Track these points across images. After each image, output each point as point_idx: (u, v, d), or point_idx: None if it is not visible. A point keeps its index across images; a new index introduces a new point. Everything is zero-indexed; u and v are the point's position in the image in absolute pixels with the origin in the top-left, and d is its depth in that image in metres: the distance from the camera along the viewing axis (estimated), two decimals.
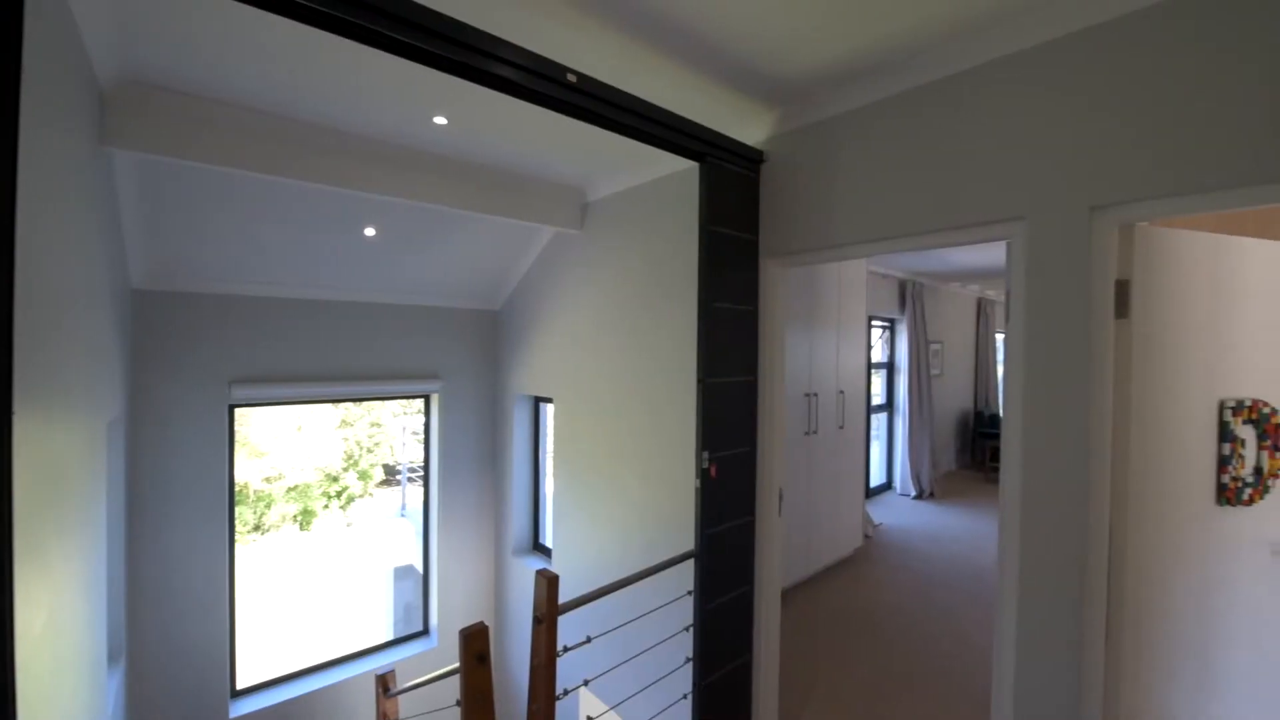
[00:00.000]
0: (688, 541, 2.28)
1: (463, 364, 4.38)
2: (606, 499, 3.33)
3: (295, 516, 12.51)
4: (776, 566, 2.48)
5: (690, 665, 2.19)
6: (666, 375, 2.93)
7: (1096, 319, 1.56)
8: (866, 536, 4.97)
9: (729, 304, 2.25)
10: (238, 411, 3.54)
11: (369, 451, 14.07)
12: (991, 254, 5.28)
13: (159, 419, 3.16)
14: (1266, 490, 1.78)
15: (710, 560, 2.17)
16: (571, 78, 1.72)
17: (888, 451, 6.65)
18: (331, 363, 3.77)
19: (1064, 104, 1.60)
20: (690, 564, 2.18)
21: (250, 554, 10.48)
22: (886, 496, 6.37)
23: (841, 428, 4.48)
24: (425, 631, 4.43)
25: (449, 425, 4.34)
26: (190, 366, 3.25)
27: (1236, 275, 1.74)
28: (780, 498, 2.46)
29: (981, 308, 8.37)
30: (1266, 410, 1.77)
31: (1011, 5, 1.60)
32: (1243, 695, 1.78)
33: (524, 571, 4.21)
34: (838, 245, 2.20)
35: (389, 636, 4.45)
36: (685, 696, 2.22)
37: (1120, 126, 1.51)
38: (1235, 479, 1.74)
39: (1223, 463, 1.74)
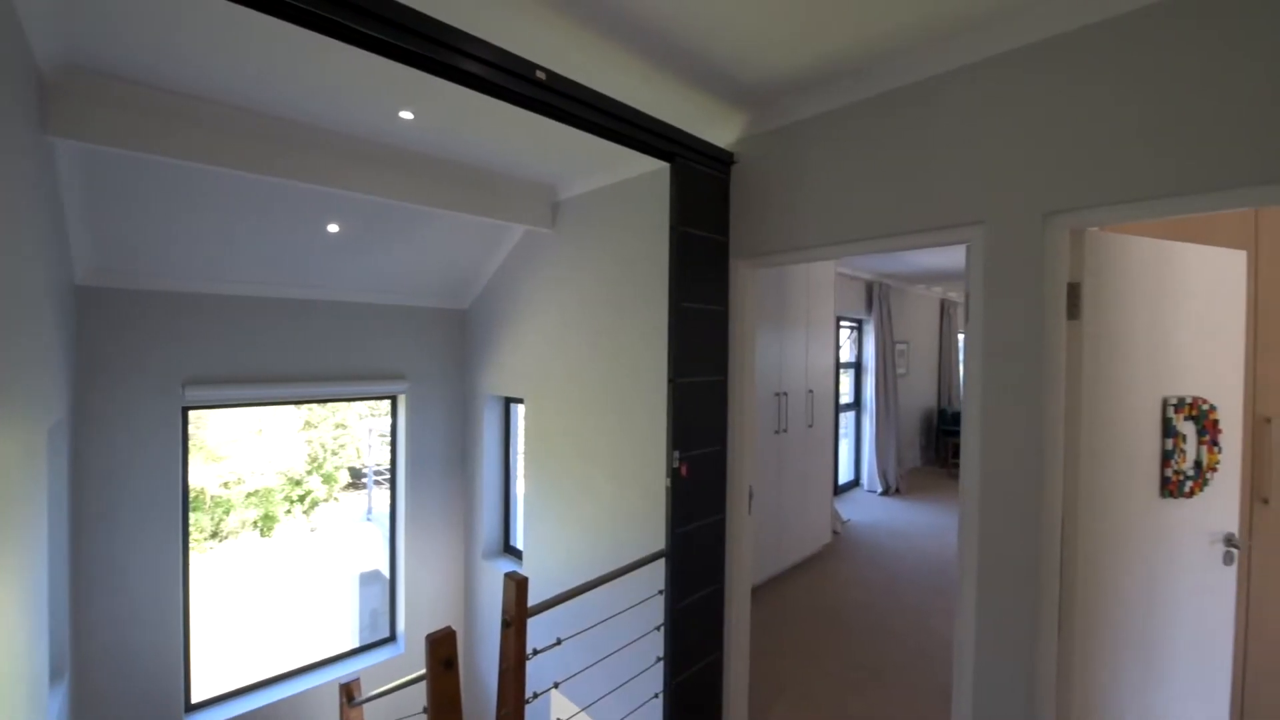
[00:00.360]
0: (658, 541, 2.28)
1: (431, 364, 4.30)
2: (578, 500, 3.31)
3: (255, 522, 12.07)
4: (747, 564, 2.50)
5: (661, 665, 2.19)
6: (637, 375, 2.93)
7: (1050, 320, 1.62)
8: (835, 533, 5.07)
9: (699, 304, 2.27)
10: (193, 414, 3.40)
11: (334, 454, 13.69)
12: (954, 257, 5.45)
13: (106, 422, 3.01)
14: (1205, 483, 1.88)
15: (681, 559, 2.18)
16: (540, 75, 1.70)
17: (856, 449, 6.79)
18: (292, 363, 3.66)
19: (1020, 113, 1.66)
20: (661, 563, 2.19)
21: (208, 562, 10.08)
22: (855, 493, 6.51)
23: (811, 426, 4.56)
24: (392, 638, 4.33)
25: (416, 427, 4.25)
26: (141, 367, 3.11)
27: (1178, 279, 1.83)
28: (750, 496, 2.49)
29: (944, 309, 8.62)
30: (1205, 407, 1.87)
31: (972, 17, 1.65)
32: (1182, 678, 1.88)
33: (494, 575, 4.15)
34: (806, 247, 2.23)
35: (354, 644, 4.34)
36: (656, 696, 2.22)
37: (1072, 136, 1.57)
38: (1177, 472, 1.84)
39: (1166, 457, 1.82)
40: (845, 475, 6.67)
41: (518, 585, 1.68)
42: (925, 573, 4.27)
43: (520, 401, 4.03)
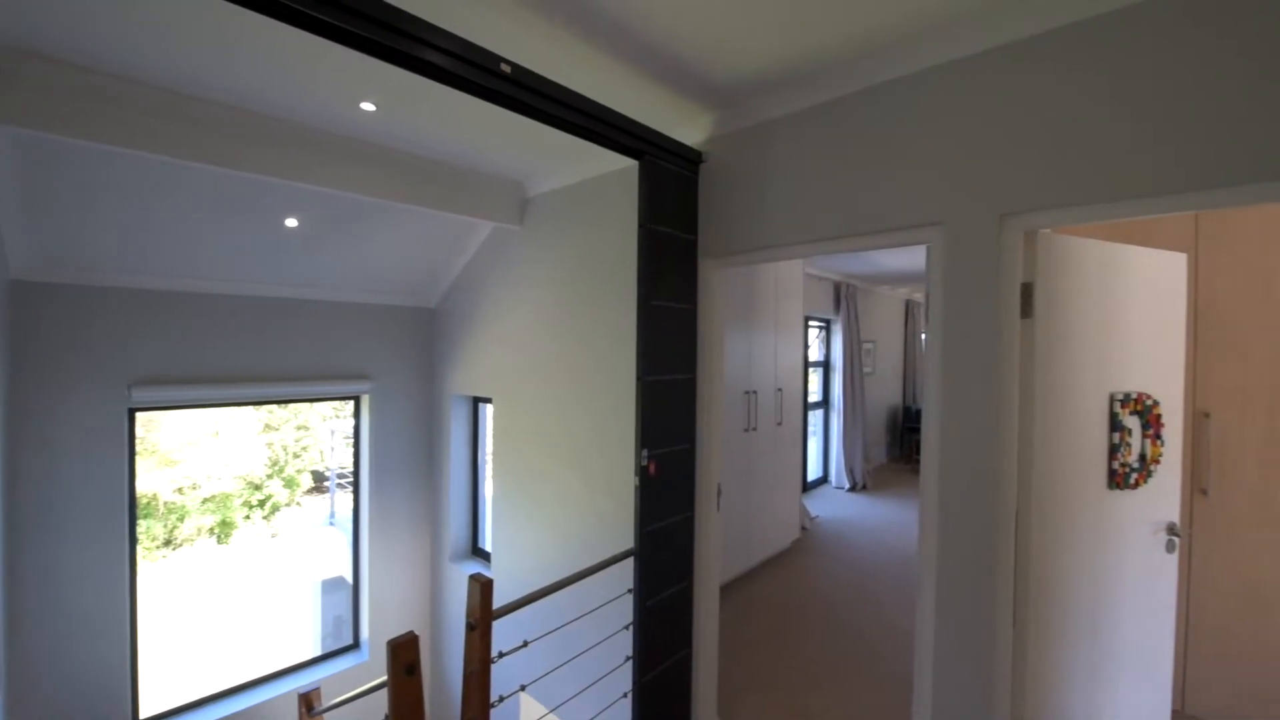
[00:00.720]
0: (628, 540, 2.27)
1: (396, 363, 4.20)
2: (547, 500, 3.28)
3: (212, 529, 11.61)
4: (715, 561, 2.51)
5: (630, 663, 2.18)
6: (607, 374, 2.91)
7: (1005, 319, 1.67)
8: (804, 529, 5.14)
9: (668, 303, 2.27)
10: (145, 416, 3.25)
11: (296, 457, 13.27)
12: (917, 259, 5.59)
13: (44, 425, 2.85)
14: (1149, 475, 1.97)
15: (649, 557, 2.18)
16: (505, 68, 1.68)
17: (824, 446, 6.91)
18: (249, 362, 3.52)
19: (977, 118, 1.71)
20: (630, 562, 2.18)
21: (160, 571, 9.64)
22: (823, 490, 6.62)
23: (780, 424, 4.61)
24: (355, 645, 4.22)
25: (381, 428, 4.15)
26: (83, 367, 2.95)
27: (1123, 280, 1.91)
28: (719, 493, 2.50)
29: (909, 309, 8.85)
30: (1149, 402, 1.96)
31: (933, 23, 1.69)
32: (1128, 660, 1.96)
33: (462, 578, 4.08)
34: (773, 246, 2.26)
35: (317, 652, 4.21)
36: (625, 695, 2.21)
37: (1025, 141, 1.62)
38: (1123, 465, 1.92)
39: (1113, 450, 1.90)
40: (814, 472, 6.78)
41: (482, 587, 1.65)
42: (890, 566, 4.37)
43: (489, 401, 3.97)
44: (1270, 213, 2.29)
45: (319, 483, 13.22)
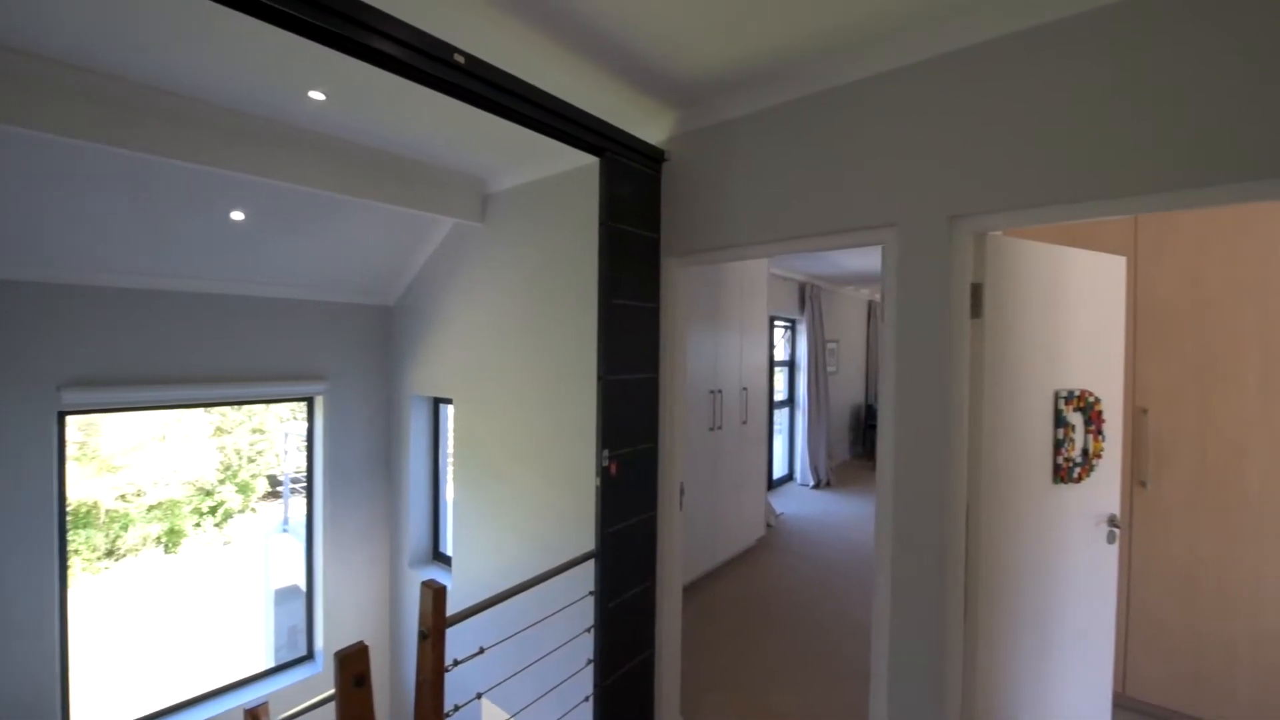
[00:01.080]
0: (591, 540, 2.25)
1: (352, 363, 4.06)
2: (509, 502, 3.22)
3: (159, 538, 11.05)
4: (678, 561, 2.51)
5: (592, 666, 2.16)
6: (569, 373, 2.88)
7: (955, 318, 1.71)
8: (769, 526, 5.20)
9: (630, 301, 2.25)
10: (80, 420, 3.06)
11: (250, 461, 12.74)
12: (879, 260, 5.71)
13: None
14: (1091, 469, 2.05)
15: (611, 559, 2.15)
16: (459, 58, 1.63)
17: (789, 444, 7.01)
18: (193, 363, 3.35)
19: (928, 121, 1.75)
20: (592, 564, 2.15)
21: (101, 584, 9.13)
22: (788, 487, 6.71)
23: (745, 423, 4.65)
24: (310, 656, 4.06)
25: (336, 430, 4.00)
26: (5, 367, 2.75)
27: (1067, 281, 1.98)
28: (681, 492, 2.49)
29: (871, 310, 9.06)
30: (1091, 399, 2.04)
31: (885, 28, 1.72)
32: (1072, 648, 2.03)
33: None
34: (734, 245, 2.26)
35: (270, 664, 4.04)
36: (587, 699, 2.18)
37: (975, 145, 1.66)
38: (1067, 460, 1.98)
39: (1057, 446, 1.97)
40: (780, 470, 6.87)
41: (435, 594, 1.60)
42: (851, 562, 4.45)
43: (449, 402, 3.88)
44: (1202, 218, 2.41)
45: (275, 488, 12.73)
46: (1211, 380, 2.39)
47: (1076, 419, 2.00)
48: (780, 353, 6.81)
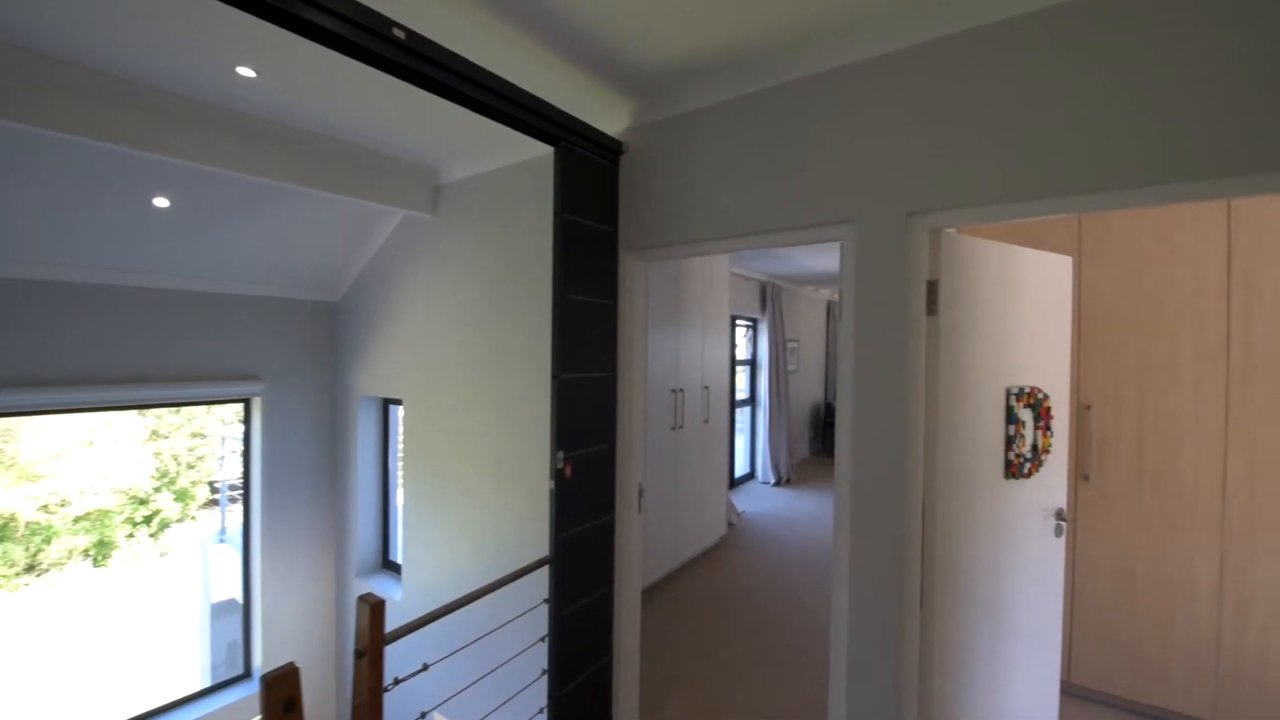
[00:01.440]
0: (547, 545, 2.16)
1: (294, 363, 3.84)
2: (462, 507, 3.09)
3: (87, 550, 10.29)
4: (637, 565, 2.44)
5: (546, 677, 2.07)
6: (525, 372, 2.77)
7: (911, 316, 1.70)
8: (730, 525, 5.20)
9: (586, 297, 2.17)
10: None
11: (190, 467, 12.03)
12: (836, 261, 5.80)
13: None
14: (1041, 464, 2.09)
15: (566, 565, 2.07)
16: (399, 33, 1.52)
17: (751, 443, 7.05)
18: (119, 362, 3.09)
19: (886, 116, 1.73)
20: (546, 571, 2.06)
21: (18, 602, 8.43)
22: (750, 485, 6.75)
23: (706, 422, 4.63)
24: (248, 675, 3.82)
25: (275, 433, 3.77)
26: None
27: (1018, 280, 2.01)
28: (641, 494, 2.43)
29: (830, 310, 9.24)
30: (1040, 396, 2.07)
31: (843, 21, 1.69)
32: (1023, 639, 2.07)
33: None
34: (693, 241, 2.21)
35: (207, 683, 3.78)
36: (541, 711, 2.10)
37: (930, 141, 1.65)
38: (1018, 456, 2.02)
39: (1009, 442, 2.00)
40: (741, 468, 6.91)
41: (372, 609, 1.48)
42: (811, 557, 4.49)
43: (399, 403, 3.71)
44: (1140, 221, 2.50)
45: (217, 495, 12.06)
46: (1149, 377, 2.48)
47: (1027, 415, 2.04)
48: (742, 352, 6.84)
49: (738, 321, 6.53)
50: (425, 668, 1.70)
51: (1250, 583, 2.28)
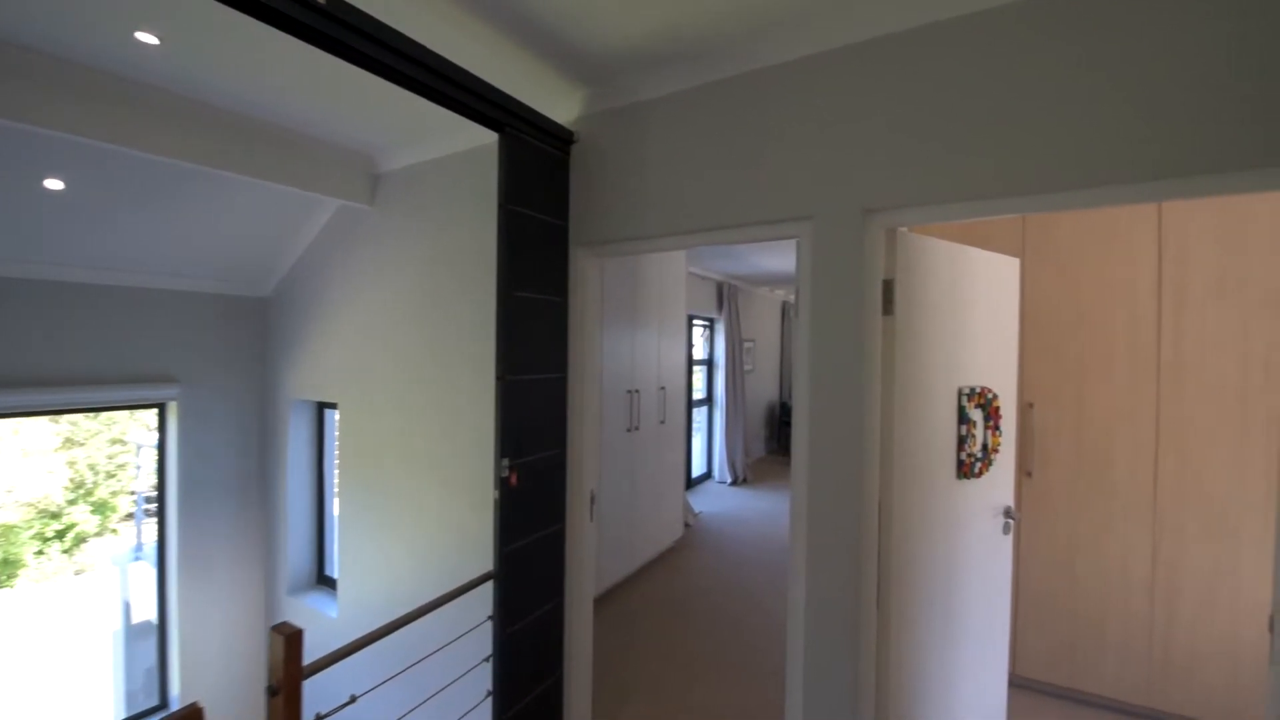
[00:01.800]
0: (491, 560, 2.02)
1: (216, 364, 3.53)
2: (403, 518, 2.90)
3: None
4: (589, 574, 2.34)
5: (491, 700, 1.94)
6: (470, 373, 2.62)
7: (868, 315, 1.67)
8: (687, 526, 5.16)
9: (534, 294, 2.05)
10: None
11: (110, 477, 11.10)
12: (792, 261, 5.85)
13: None
14: (990, 464, 2.10)
15: (512, 580, 1.94)
16: None
17: (708, 442, 7.05)
18: (9, 363, 2.75)
19: (844, 111, 1.69)
20: (490, 586, 1.93)
21: None
22: (707, 485, 6.74)
23: (663, 423, 4.56)
24: (164, 705, 3.49)
25: (195, 441, 3.46)
26: None
27: (968, 280, 2.01)
28: (593, 501, 2.32)
29: (785, 310, 9.36)
30: (990, 396, 2.09)
31: (800, 12, 1.63)
32: (974, 633, 2.08)
33: (304, 612, 3.53)
34: (647, 236, 2.12)
35: (119, 715, 3.45)
36: None
37: (887, 138, 1.62)
38: (969, 455, 2.02)
39: (961, 442, 2.00)
40: (699, 468, 6.89)
41: (287, 641, 1.32)
42: (767, 557, 4.49)
43: (335, 407, 3.46)
44: (1079, 225, 2.58)
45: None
46: (1087, 376, 2.56)
47: (978, 415, 2.04)
48: (699, 352, 6.83)
49: (695, 321, 6.51)
50: (353, 699, 1.54)
51: (1179, 574, 2.38)
